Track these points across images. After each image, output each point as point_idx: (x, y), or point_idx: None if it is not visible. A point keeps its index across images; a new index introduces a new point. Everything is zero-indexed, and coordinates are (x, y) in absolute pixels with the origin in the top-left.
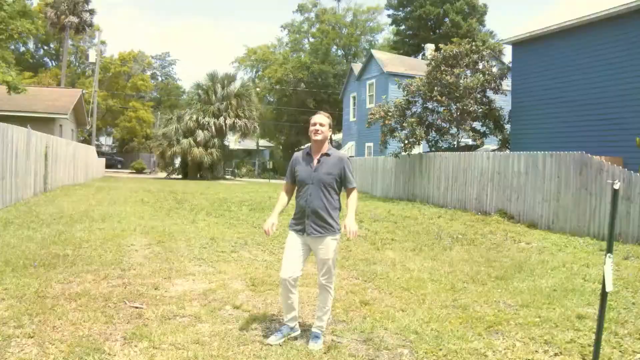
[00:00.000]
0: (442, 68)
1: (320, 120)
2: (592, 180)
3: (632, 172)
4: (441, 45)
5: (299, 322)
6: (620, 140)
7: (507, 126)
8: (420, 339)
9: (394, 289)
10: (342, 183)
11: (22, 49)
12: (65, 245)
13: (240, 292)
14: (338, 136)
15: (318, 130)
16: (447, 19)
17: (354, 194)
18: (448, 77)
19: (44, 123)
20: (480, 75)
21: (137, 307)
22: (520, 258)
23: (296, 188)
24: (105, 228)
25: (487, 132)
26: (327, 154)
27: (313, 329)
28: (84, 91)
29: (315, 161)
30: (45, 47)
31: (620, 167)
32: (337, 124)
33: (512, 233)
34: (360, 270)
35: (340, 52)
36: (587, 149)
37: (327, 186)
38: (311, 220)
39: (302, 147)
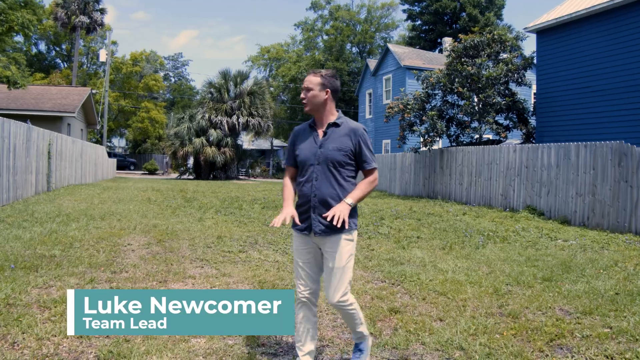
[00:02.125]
0: (463, 59)
1: (308, 83)
2: (632, 172)
3: None
4: (461, 35)
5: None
6: None
7: (532, 120)
8: (468, 357)
9: (427, 293)
10: (357, 163)
11: (35, 50)
12: (54, 245)
13: None
14: None
15: (304, 98)
16: (464, 13)
17: (371, 177)
18: (469, 68)
19: (51, 122)
20: (504, 66)
21: None
22: (563, 257)
23: (298, 172)
24: (103, 227)
25: (510, 126)
26: (335, 124)
27: (355, 341)
28: (93, 90)
29: (320, 134)
30: (57, 49)
31: None
32: None
33: (545, 230)
34: (386, 272)
35: (354, 50)
36: (621, 141)
37: (338, 166)
38: (318, 213)
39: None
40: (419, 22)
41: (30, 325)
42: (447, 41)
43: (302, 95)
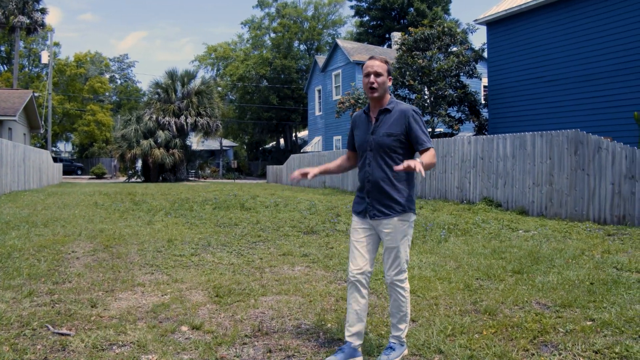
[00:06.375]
0: (413, 52)
1: (375, 68)
2: (589, 160)
3: (635, 148)
4: (411, 29)
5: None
6: (609, 119)
7: (483, 112)
8: None
9: None
10: (411, 146)
11: None
12: None
13: (200, 306)
14: (304, 133)
15: (374, 83)
16: (411, 9)
17: (431, 152)
18: (420, 61)
19: None
20: (454, 58)
21: (62, 334)
22: (529, 247)
23: (358, 157)
24: (45, 234)
25: (463, 118)
26: (386, 110)
27: (389, 340)
28: (35, 93)
29: (373, 120)
30: None
31: (621, 144)
32: (302, 120)
33: (505, 221)
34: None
35: (302, 47)
36: (576, 129)
37: (389, 151)
38: (373, 197)
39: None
40: (366, 18)
41: None
42: (397, 35)
43: (370, 80)
